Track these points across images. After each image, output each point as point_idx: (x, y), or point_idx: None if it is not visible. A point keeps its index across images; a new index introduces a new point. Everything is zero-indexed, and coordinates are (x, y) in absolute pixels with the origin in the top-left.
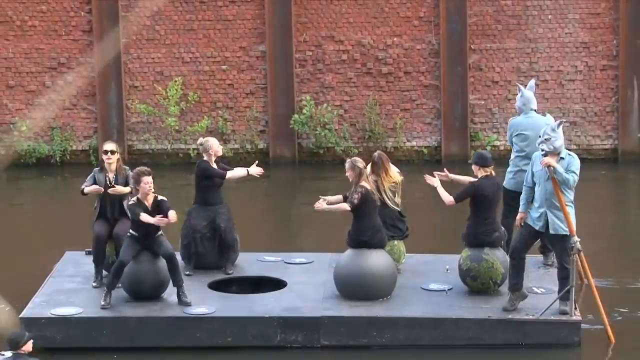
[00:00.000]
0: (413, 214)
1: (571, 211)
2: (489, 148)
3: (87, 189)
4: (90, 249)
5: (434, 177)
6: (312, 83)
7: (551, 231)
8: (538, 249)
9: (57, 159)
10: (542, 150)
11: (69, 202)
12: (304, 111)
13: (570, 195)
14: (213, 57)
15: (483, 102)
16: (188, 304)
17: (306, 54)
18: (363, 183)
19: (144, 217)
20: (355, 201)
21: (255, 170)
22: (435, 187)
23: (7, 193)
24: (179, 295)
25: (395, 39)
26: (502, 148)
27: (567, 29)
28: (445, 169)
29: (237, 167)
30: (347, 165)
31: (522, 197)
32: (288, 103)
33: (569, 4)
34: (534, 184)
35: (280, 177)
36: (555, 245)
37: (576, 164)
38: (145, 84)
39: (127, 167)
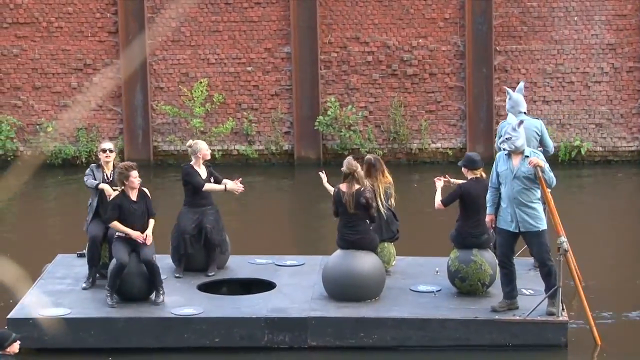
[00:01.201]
0: (412, 216)
1: (539, 208)
2: None
3: (102, 185)
4: (82, 252)
5: (440, 180)
6: (337, 84)
7: (522, 229)
8: (529, 251)
9: (83, 159)
10: (504, 149)
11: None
12: (329, 112)
13: (538, 193)
14: (238, 58)
15: None
16: (157, 304)
17: (331, 56)
18: (341, 185)
19: (117, 225)
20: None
21: (233, 186)
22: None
23: (29, 194)
24: (155, 294)
25: (420, 40)
26: None
27: (593, 30)
28: (447, 175)
29: (261, 169)
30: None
31: (488, 199)
32: (313, 104)
33: (595, 5)
34: (500, 184)
35: (305, 179)
36: (530, 242)
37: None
38: (171, 85)
39: None
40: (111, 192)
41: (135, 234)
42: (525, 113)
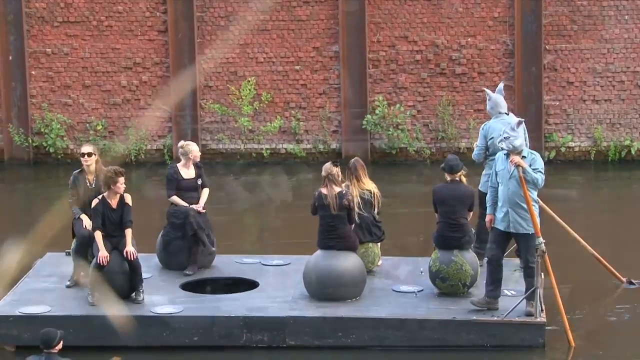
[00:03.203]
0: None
1: (534, 211)
2: (563, 149)
3: (83, 217)
4: (70, 250)
5: None
6: (385, 83)
7: (512, 230)
8: (515, 252)
9: (132, 158)
10: (502, 149)
11: None
12: (377, 111)
13: (534, 194)
14: (286, 57)
15: (558, 103)
16: (137, 302)
17: (379, 54)
18: (322, 188)
19: (97, 237)
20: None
21: (195, 208)
22: None
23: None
24: (135, 293)
25: (469, 39)
26: (576, 149)
27: None
28: None
29: (308, 168)
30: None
31: (488, 199)
32: (361, 103)
33: None
34: (499, 184)
35: None
36: (520, 244)
37: (539, 162)
38: (219, 84)
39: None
40: (88, 224)
41: (102, 255)
42: (506, 113)
